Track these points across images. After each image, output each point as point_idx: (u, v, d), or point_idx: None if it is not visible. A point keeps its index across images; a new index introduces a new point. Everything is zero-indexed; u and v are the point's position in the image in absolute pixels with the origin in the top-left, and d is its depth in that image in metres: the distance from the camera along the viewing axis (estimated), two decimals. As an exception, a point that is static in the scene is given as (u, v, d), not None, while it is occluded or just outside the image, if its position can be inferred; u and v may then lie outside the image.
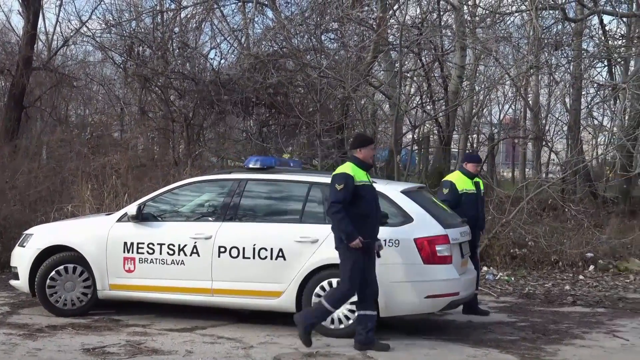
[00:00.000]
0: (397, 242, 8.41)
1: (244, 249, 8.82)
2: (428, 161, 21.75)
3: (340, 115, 15.93)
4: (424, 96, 19.18)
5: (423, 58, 18.32)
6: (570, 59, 19.52)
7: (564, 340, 8.79)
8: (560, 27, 20.24)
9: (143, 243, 9.16)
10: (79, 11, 33.56)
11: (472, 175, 10.23)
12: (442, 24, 18.78)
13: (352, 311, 8.44)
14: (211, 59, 18.38)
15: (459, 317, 9.82)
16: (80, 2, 50.93)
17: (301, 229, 8.77)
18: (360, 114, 16.82)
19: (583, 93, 21.32)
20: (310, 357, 7.66)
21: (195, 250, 8.97)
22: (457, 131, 20.78)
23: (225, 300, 8.97)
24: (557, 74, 20.80)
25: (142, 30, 18.24)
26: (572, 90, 21.46)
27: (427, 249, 8.35)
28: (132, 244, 9.19)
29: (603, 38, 19.88)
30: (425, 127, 21.28)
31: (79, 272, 9.33)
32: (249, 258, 8.79)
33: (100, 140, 18.67)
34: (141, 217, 9.26)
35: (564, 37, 19.59)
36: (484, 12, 19.09)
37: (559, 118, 24.33)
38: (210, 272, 8.90)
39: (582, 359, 7.95)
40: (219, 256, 8.88)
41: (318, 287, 8.56)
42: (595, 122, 21.29)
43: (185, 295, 9.05)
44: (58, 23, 24.00)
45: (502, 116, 31.64)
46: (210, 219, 9.23)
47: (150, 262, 9.12)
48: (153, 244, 9.12)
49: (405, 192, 8.93)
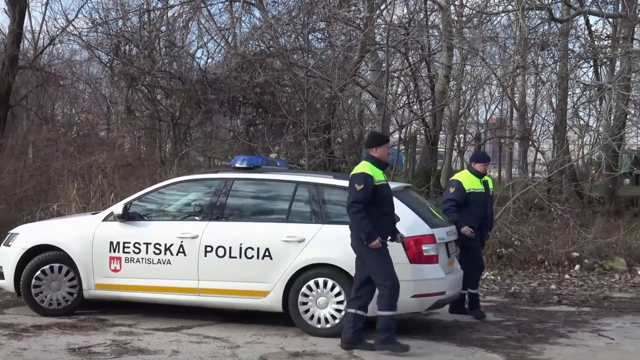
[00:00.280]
0: (383, 241, 8.42)
1: (230, 248, 8.80)
2: (415, 161, 21.79)
3: (327, 114, 15.92)
4: (410, 96, 19.21)
5: (410, 58, 18.34)
6: (557, 59, 19.57)
7: (550, 340, 8.82)
8: (546, 27, 20.31)
9: (129, 242, 9.12)
10: (65, 10, 33.29)
11: (481, 175, 10.14)
12: (429, 24, 18.81)
13: (339, 310, 8.46)
14: (198, 58, 18.42)
15: (445, 316, 9.83)
16: (67, 1, 50.95)
17: (288, 228, 8.76)
18: (347, 113, 16.81)
19: (569, 93, 21.42)
20: (296, 357, 7.65)
21: (181, 250, 8.94)
22: (444, 131, 20.85)
23: (211, 299, 8.95)
24: (544, 74, 20.83)
25: (129, 29, 18.25)
26: (558, 90, 21.53)
27: (414, 249, 8.35)
28: (118, 243, 9.15)
29: (589, 38, 19.97)
30: (412, 126, 21.29)
31: (65, 271, 9.28)
32: (235, 257, 8.78)
33: (86, 139, 18.60)
34: (127, 216, 9.22)
35: (550, 37, 19.63)
36: (470, 12, 19.13)
37: (545, 118, 24.39)
38: (197, 271, 8.87)
39: (567, 357, 7.97)
40: (205, 256, 8.86)
41: (304, 287, 8.55)
42: (581, 122, 21.35)
43: (172, 294, 9.02)
44: (44, 21, 23.79)
45: (488, 116, 31.73)
46: (196, 218, 9.21)
47: (137, 261, 9.08)
48: (139, 244, 9.09)
49: (392, 192, 8.92)
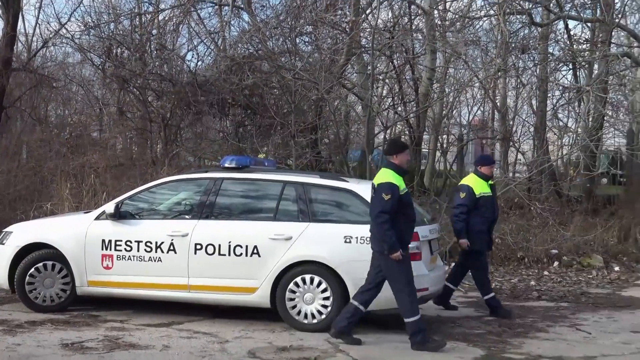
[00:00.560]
0: (368, 239, 8.43)
1: (219, 246, 8.83)
2: (399, 161, 21.79)
3: (314, 116, 15.94)
4: (395, 98, 19.26)
5: (395, 61, 18.39)
6: (537, 62, 19.67)
7: (529, 334, 8.88)
8: (527, 31, 20.33)
9: (121, 240, 9.14)
10: (58, 13, 33.16)
11: (488, 178, 10.04)
12: (413, 27, 18.85)
13: (325, 306, 8.51)
14: (188, 60, 18.40)
15: (428, 311, 9.84)
16: (60, 4, 50.64)
17: (275, 226, 8.80)
18: (333, 115, 16.83)
19: (549, 95, 21.49)
20: (284, 351, 7.68)
21: (172, 248, 8.97)
22: (427, 132, 20.87)
23: (201, 296, 8.98)
24: (524, 76, 20.96)
25: (121, 32, 18.20)
26: (538, 92, 21.63)
27: (398, 246, 8.39)
28: (110, 241, 9.16)
29: (568, 42, 20.04)
30: (396, 128, 21.31)
31: (58, 269, 9.28)
32: (224, 255, 8.81)
33: (79, 140, 18.52)
34: (119, 215, 9.23)
35: (531, 41, 19.68)
36: (453, 17, 19.14)
37: (526, 119, 24.48)
38: (187, 268, 8.90)
39: (545, 351, 8.03)
40: (195, 253, 8.89)
41: (292, 283, 8.61)
42: (561, 123, 21.40)
43: (163, 291, 9.04)
44: (37, 25, 23.82)
45: (471, 117, 31.70)
46: (186, 216, 9.23)
47: (128, 259, 9.10)
48: (131, 242, 9.10)
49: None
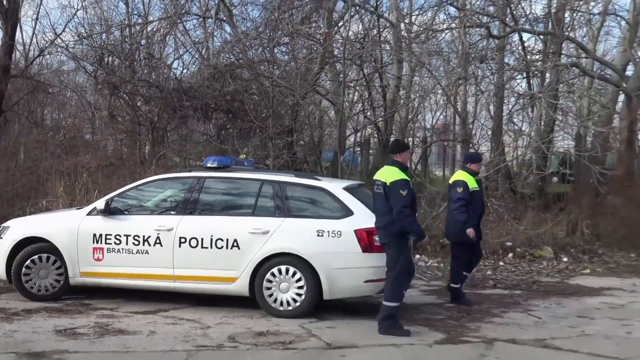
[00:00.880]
0: (339, 233, 8.48)
1: (202, 239, 8.81)
2: (369, 161, 21.82)
3: (291, 120, 15.93)
4: (365, 103, 19.26)
5: (364, 69, 18.39)
6: (494, 71, 19.78)
7: (485, 319, 8.94)
8: (485, 43, 20.47)
9: (111, 234, 9.09)
10: (53, 24, 32.95)
11: (476, 174, 9.99)
12: (382, 39, 18.89)
13: (299, 294, 8.52)
14: (174, 68, 18.34)
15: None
16: (55, 16, 50.34)
17: (254, 221, 8.79)
18: (308, 119, 16.82)
19: (505, 101, 21.58)
20: (261, 336, 7.68)
21: (158, 241, 8.93)
22: (394, 135, 20.90)
23: (185, 285, 8.96)
24: (483, 84, 21.03)
25: (112, 42, 18.12)
26: (495, 99, 21.69)
27: (366, 240, 8.41)
28: (100, 235, 9.12)
29: (522, 53, 20.13)
30: (366, 131, 21.32)
31: (52, 260, 9.23)
32: (207, 248, 8.79)
33: (72, 141, 18.38)
34: (109, 211, 9.19)
35: (489, 52, 19.80)
36: (418, 29, 19.23)
37: (484, 123, 24.52)
38: (172, 260, 8.87)
39: (500, 334, 8.09)
40: (179, 246, 8.86)
41: (269, 274, 8.61)
42: (515, 127, 21.47)
43: (149, 281, 9.01)
44: (34, 35, 23.57)
45: (434, 121, 31.83)
46: (172, 212, 9.19)
47: (118, 251, 9.06)
48: (120, 235, 9.06)
49: (347, 189, 8.99)
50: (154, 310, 8.83)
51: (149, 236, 8.96)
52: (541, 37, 20.17)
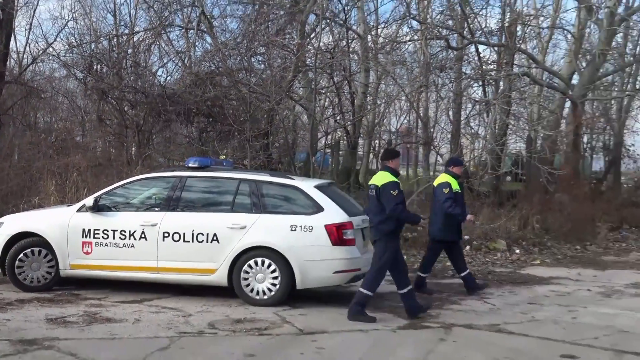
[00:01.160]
0: (310, 227, 8.47)
1: (184, 234, 8.75)
2: (338, 162, 21.87)
3: (266, 123, 15.85)
4: (335, 109, 19.26)
5: (334, 77, 18.39)
6: (453, 79, 19.93)
7: (444, 306, 8.98)
8: (444, 54, 20.61)
9: (99, 229, 9.00)
10: (45, 34, 32.90)
11: (458, 177, 9.95)
12: (350, 49, 18.92)
13: (274, 285, 8.51)
14: (159, 76, 18.24)
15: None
16: (47, 26, 49.81)
17: (232, 217, 8.75)
18: (282, 123, 16.79)
19: (462, 107, 21.80)
20: (239, 323, 7.65)
21: (143, 236, 8.86)
22: (362, 137, 20.98)
23: (168, 276, 8.89)
24: (442, 91, 21.23)
25: (100, 51, 17.96)
26: (454, 105, 21.90)
27: (335, 234, 8.42)
28: (89, 230, 9.02)
29: (478, 63, 20.32)
30: (336, 134, 21.38)
31: (44, 254, 9.13)
32: (188, 241, 8.73)
33: (63, 143, 18.14)
34: (97, 207, 9.10)
35: (448, 62, 19.93)
36: (384, 41, 19.31)
37: (444, 127, 24.78)
38: (156, 253, 8.80)
39: (458, 320, 8.14)
40: (163, 240, 8.79)
41: (246, 265, 8.58)
42: (472, 130, 21.71)
43: (135, 272, 8.93)
44: (28, 44, 23.42)
45: (398, 125, 32.10)
46: (156, 209, 9.11)
47: (105, 245, 8.97)
48: (107, 230, 8.98)
49: (318, 187, 8.98)
50: (139, 299, 8.75)
51: (135, 231, 8.89)
52: (495, 48, 20.38)
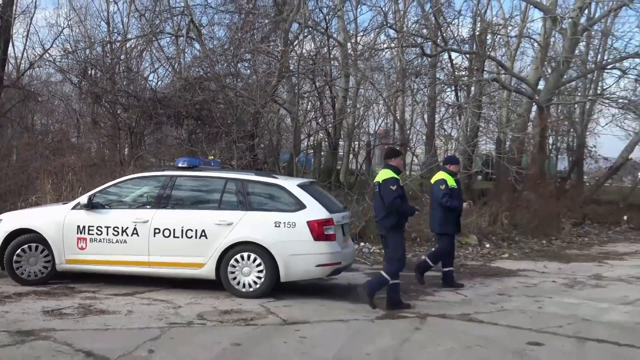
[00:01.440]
0: (293, 224, 8.45)
1: (174, 230, 8.71)
2: (320, 162, 21.88)
3: (252, 126, 15.84)
4: (317, 112, 19.29)
5: (316, 82, 18.42)
6: (427, 85, 20.00)
7: (420, 297, 9.02)
8: (419, 60, 20.70)
9: (93, 226, 8.93)
10: (42, 40, 32.49)
11: (454, 174, 9.93)
12: (331, 56, 18.94)
13: (259, 278, 8.48)
14: (150, 80, 18.14)
15: (341, 281, 9.93)
16: (44, 33, 49.53)
17: (219, 214, 8.71)
18: (267, 125, 16.78)
19: (436, 111, 21.88)
20: (226, 314, 7.62)
21: (135, 232, 8.80)
22: (342, 139, 20.99)
23: (159, 270, 8.83)
24: (418, 96, 21.30)
25: (94, 56, 17.87)
26: (428, 108, 21.99)
27: (317, 229, 8.42)
28: (84, 226, 8.95)
29: (451, 69, 20.42)
30: (318, 135, 21.38)
31: (41, 249, 9.05)
32: (178, 237, 8.69)
33: (59, 144, 17.97)
34: (91, 205, 9.03)
35: (423, 68, 20.03)
36: (363, 48, 19.34)
37: (419, 129, 24.84)
38: (148, 248, 8.75)
39: (432, 310, 8.17)
40: (154, 236, 8.75)
41: (233, 260, 8.55)
42: (445, 132, 21.79)
43: (127, 267, 8.88)
44: (25, 50, 23.18)
45: (376, 128, 32.04)
46: (147, 206, 9.05)
47: (99, 241, 8.90)
48: (101, 227, 8.91)
49: (300, 186, 8.97)
50: (132, 292, 8.69)
51: (127, 227, 8.83)
52: (467, 56, 20.48)
